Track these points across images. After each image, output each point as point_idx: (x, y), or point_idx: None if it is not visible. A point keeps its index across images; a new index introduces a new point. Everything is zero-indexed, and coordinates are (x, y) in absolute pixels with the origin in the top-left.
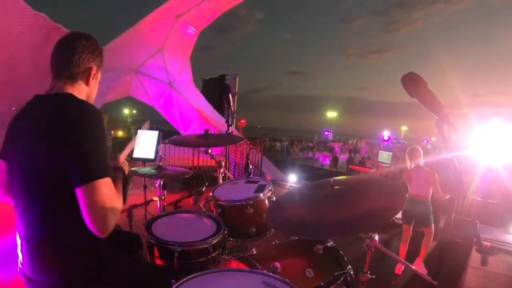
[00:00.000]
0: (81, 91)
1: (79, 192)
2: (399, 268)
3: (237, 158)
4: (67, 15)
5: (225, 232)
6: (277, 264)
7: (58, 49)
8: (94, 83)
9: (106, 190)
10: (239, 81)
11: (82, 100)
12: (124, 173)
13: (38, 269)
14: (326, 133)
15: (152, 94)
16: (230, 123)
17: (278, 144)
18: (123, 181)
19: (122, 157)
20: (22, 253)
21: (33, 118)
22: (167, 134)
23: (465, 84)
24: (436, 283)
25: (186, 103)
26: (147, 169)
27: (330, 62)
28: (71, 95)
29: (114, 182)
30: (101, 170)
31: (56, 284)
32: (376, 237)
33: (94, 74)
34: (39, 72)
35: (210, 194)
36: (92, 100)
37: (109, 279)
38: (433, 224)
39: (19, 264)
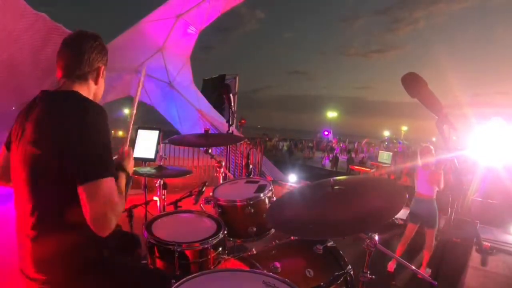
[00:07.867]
0: (89, 90)
1: (81, 190)
2: (391, 266)
3: (237, 158)
4: (67, 14)
5: (225, 232)
6: (277, 264)
7: (66, 48)
8: (102, 81)
9: (108, 190)
10: (239, 81)
11: (87, 98)
12: (127, 172)
13: (38, 266)
14: (325, 133)
15: (152, 94)
16: (231, 123)
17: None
18: (126, 181)
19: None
20: (22, 250)
21: (39, 113)
22: (167, 134)
23: (466, 84)
24: (436, 283)
25: (186, 103)
26: (147, 169)
27: (331, 61)
28: (78, 93)
29: (117, 181)
30: (104, 168)
31: (57, 281)
32: (376, 237)
33: (102, 73)
34: (39, 71)
35: (210, 194)
36: (99, 98)
37: (109, 277)
38: (436, 228)
39: (20, 262)
